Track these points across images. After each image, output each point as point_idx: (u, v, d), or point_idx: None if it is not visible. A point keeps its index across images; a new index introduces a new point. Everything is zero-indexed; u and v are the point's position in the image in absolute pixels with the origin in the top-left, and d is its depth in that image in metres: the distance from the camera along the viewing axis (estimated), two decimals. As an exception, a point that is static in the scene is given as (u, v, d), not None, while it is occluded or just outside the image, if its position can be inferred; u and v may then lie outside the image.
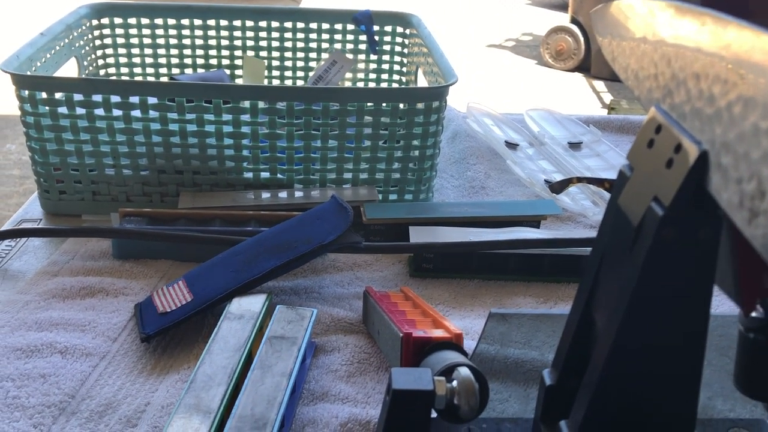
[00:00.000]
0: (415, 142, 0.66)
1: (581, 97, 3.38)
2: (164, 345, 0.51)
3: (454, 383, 0.34)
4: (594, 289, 0.31)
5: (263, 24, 0.86)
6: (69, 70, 0.75)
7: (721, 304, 0.58)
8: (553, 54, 3.72)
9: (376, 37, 0.87)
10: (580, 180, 0.72)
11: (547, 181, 0.75)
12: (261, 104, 0.62)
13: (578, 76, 3.66)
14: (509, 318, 0.52)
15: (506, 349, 0.49)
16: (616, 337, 0.28)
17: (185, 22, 0.84)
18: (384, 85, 0.90)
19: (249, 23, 0.85)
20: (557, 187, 0.73)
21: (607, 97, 3.31)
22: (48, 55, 0.70)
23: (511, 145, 0.85)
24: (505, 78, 3.57)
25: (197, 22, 0.84)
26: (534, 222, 0.65)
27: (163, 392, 0.46)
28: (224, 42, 0.86)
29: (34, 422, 0.43)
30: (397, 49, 0.89)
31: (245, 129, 0.63)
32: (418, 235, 0.60)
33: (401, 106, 0.64)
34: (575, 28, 3.63)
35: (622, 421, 0.30)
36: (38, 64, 0.67)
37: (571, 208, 0.72)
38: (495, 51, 4.11)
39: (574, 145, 0.85)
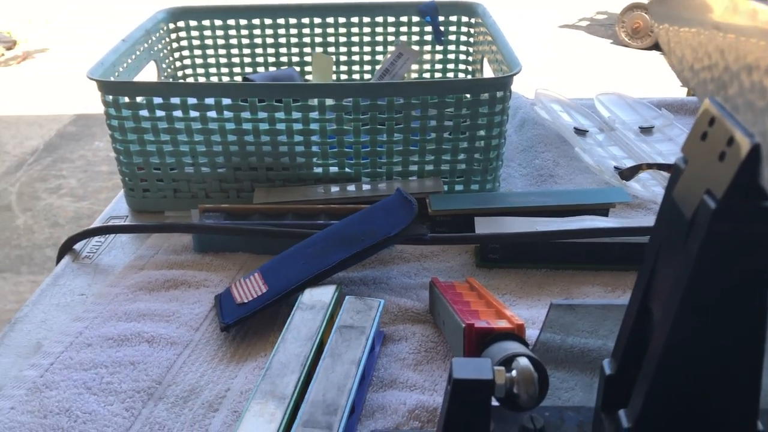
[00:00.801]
0: (480, 133, 0.66)
1: (659, 76, 3.27)
2: (242, 334, 0.53)
3: (514, 373, 0.35)
4: (651, 279, 0.31)
5: (330, 20, 0.88)
6: (149, 73, 0.79)
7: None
8: (629, 32, 3.61)
9: (442, 28, 0.88)
10: (650, 166, 0.71)
11: (617, 168, 0.74)
12: (328, 101, 0.64)
13: (656, 55, 3.54)
14: (576, 308, 0.52)
15: (572, 338, 0.49)
16: (672, 328, 0.28)
17: (256, 21, 0.87)
18: (450, 75, 0.91)
19: (316, 20, 0.88)
20: (627, 174, 0.72)
21: (688, 75, 3.18)
22: (129, 60, 0.74)
23: (581, 132, 0.84)
24: (578, 59, 3.48)
25: (267, 21, 0.87)
26: (602, 210, 0.64)
27: (242, 379, 0.49)
28: (293, 40, 0.88)
29: (126, 406, 0.46)
30: (463, 38, 0.89)
31: (314, 126, 0.65)
32: (484, 226, 0.61)
33: (465, 97, 0.64)
34: (653, 4, 3.50)
35: (680, 410, 0.30)
36: (120, 69, 0.72)
37: (641, 195, 0.71)
38: (568, 32, 4.01)
39: (646, 130, 0.84)
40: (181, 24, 0.87)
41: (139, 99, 0.65)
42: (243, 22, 0.87)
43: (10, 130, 3.02)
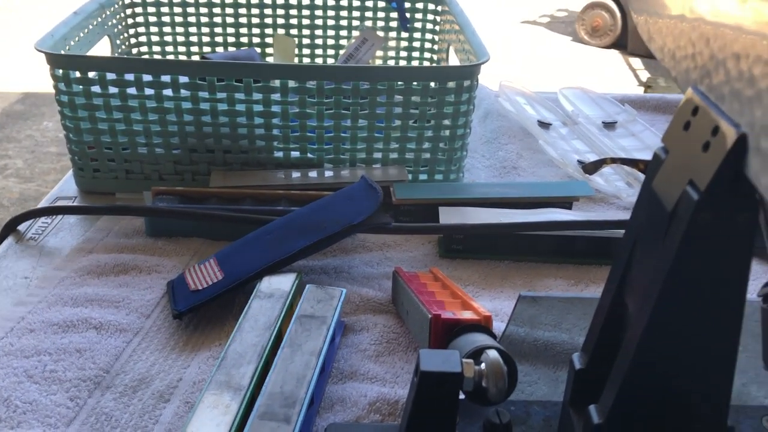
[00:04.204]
0: (446, 122, 0.65)
1: (617, 74, 3.32)
2: (196, 322, 0.51)
3: (483, 366, 0.34)
4: (626, 273, 0.31)
5: (293, 1, 0.85)
6: (102, 49, 0.76)
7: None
8: (588, 30, 3.66)
9: (408, 14, 0.86)
10: (614, 161, 0.71)
11: (580, 162, 0.74)
12: (291, 83, 0.62)
13: (614, 53, 3.59)
14: (539, 300, 0.52)
15: (536, 331, 0.48)
16: (649, 322, 0.27)
17: None
18: (415, 63, 0.90)
19: (279, 0, 0.85)
20: (590, 168, 0.72)
21: (644, 75, 3.24)
22: (81, 34, 0.71)
23: (544, 125, 0.83)
24: (539, 55, 3.52)
25: None
26: (566, 203, 0.64)
27: (195, 369, 0.47)
28: (255, 20, 0.86)
29: (70, 395, 0.44)
30: (429, 26, 0.88)
31: (275, 108, 0.63)
32: (448, 216, 0.59)
33: (432, 84, 0.63)
34: (612, 4, 3.56)
35: (653, 406, 0.29)
36: (72, 43, 0.68)
37: (604, 190, 0.71)
38: (529, 27, 4.05)
39: (609, 125, 0.84)
40: (137, -1, 0.83)
41: (91, 74, 0.62)
42: (202, -1, 0.84)
43: (-47, 107, 2.90)
